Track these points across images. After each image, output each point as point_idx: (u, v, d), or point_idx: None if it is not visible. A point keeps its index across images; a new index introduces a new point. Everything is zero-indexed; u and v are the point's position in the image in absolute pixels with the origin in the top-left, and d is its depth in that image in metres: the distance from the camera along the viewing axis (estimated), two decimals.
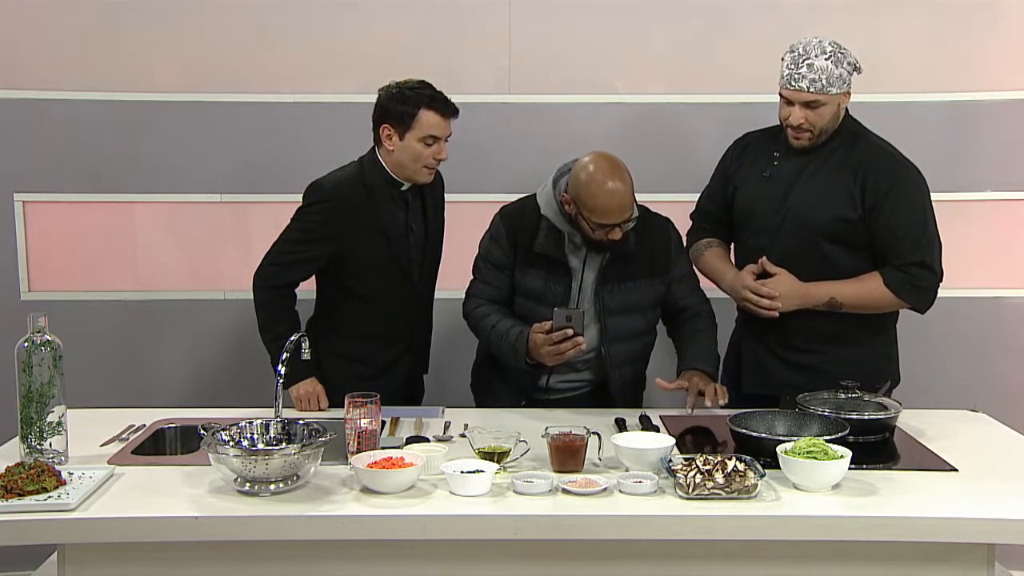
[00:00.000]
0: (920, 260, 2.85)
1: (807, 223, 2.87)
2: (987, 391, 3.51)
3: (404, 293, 3.01)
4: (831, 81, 2.78)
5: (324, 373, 2.90)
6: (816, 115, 2.82)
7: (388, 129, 2.89)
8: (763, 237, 2.94)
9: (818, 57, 2.78)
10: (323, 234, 2.90)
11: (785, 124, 2.88)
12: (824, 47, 2.80)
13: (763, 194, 2.95)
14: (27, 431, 2.37)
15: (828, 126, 2.86)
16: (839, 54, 2.81)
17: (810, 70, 2.78)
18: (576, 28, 3.58)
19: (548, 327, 2.71)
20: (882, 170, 2.86)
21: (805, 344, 2.93)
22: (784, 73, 2.83)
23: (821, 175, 2.89)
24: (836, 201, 2.86)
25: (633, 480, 2.23)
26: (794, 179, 2.91)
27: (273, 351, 2.81)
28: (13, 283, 3.59)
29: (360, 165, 2.96)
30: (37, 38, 3.53)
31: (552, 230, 2.83)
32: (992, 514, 2.16)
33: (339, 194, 2.90)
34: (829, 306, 2.87)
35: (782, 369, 2.96)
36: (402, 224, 2.97)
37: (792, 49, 2.84)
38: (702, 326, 2.94)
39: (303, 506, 2.16)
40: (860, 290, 2.87)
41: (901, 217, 2.84)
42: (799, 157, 2.91)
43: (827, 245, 2.88)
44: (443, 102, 2.88)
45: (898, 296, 2.87)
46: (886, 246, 2.86)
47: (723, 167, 3.10)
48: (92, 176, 3.58)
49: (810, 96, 2.79)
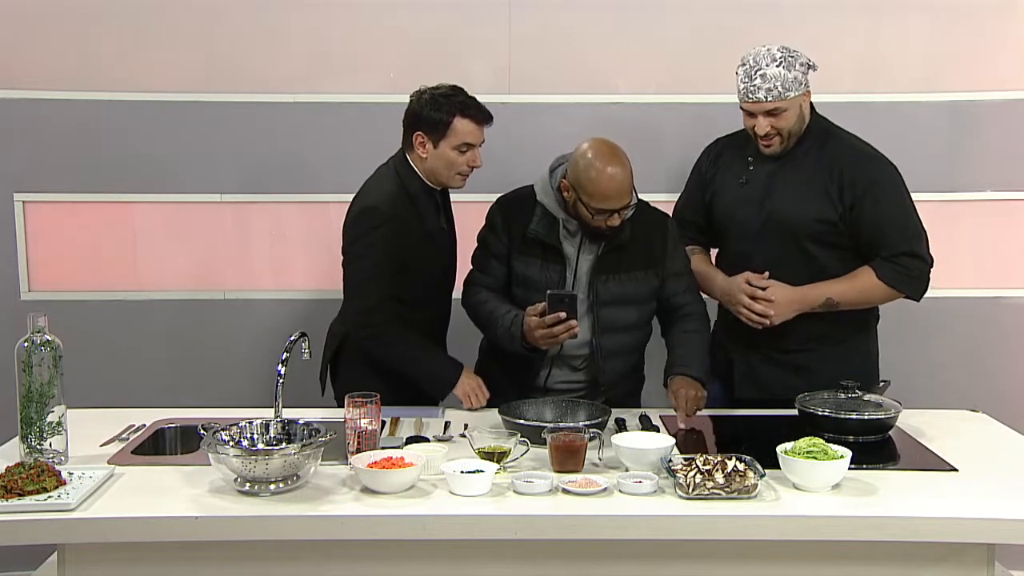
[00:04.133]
0: (909, 250, 2.87)
1: (789, 226, 2.90)
2: (987, 391, 3.51)
3: (444, 294, 3.03)
4: (787, 86, 2.81)
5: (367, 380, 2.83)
6: (781, 120, 2.86)
7: (421, 137, 2.86)
8: (746, 243, 2.97)
9: (769, 66, 2.81)
10: (393, 251, 2.85)
11: (753, 135, 2.91)
12: (774, 54, 2.83)
13: (741, 200, 2.98)
14: (27, 431, 2.37)
15: (795, 128, 2.89)
16: (790, 58, 2.83)
17: (764, 80, 2.81)
18: (576, 28, 3.58)
19: (541, 309, 2.72)
20: (856, 167, 2.88)
21: (796, 346, 2.95)
22: (740, 87, 2.87)
23: (799, 177, 2.92)
24: (815, 202, 2.89)
25: (633, 480, 2.23)
26: (770, 183, 2.94)
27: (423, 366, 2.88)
28: (13, 283, 3.59)
29: (396, 175, 2.92)
30: (37, 38, 3.53)
31: (546, 215, 2.85)
32: (992, 514, 2.16)
33: (396, 212, 2.85)
34: (827, 306, 2.88)
35: (774, 372, 2.98)
36: (439, 227, 2.99)
37: (743, 62, 2.87)
38: (692, 327, 2.93)
39: (303, 506, 2.16)
40: (854, 286, 2.89)
41: (883, 210, 2.86)
42: (773, 161, 2.95)
43: (811, 246, 2.91)
44: (477, 109, 2.86)
45: (892, 287, 2.89)
46: (872, 240, 2.88)
47: (699, 173, 3.13)
48: (92, 176, 3.57)
49: (770, 105, 2.83)
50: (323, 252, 3.59)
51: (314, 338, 2.70)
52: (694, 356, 2.86)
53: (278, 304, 3.65)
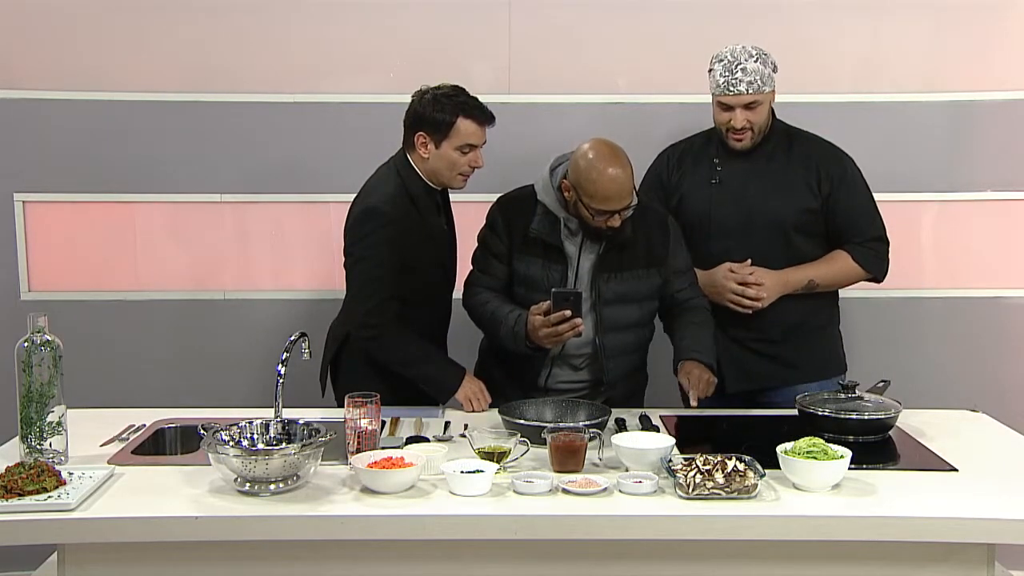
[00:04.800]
0: (878, 235, 3.09)
1: (777, 219, 3.03)
2: (987, 391, 3.51)
3: (445, 294, 3.03)
4: (764, 81, 2.96)
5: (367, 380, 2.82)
6: (755, 114, 2.98)
7: (423, 137, 2.86)
8: (727, 239, 3.06)
9: (748, 61, 2.95)
10: (395, 252, 2.84)
11: (726, 128, 3.01)
12: (750, 51, 2.97)
13: (716, 199, 3.07)
14: (27, 431, 2.37)
15: (764, 124, 3.04)
16: (763, 56, 2.99)
17: (745, 74, 2.94)
18: (576, 28, 3.58)
19: (545, 308, 2.73)
20: (828, 161, 3.07)
21: (779, 335, 3.07)
22: (720, 81, 2.98)
23: (774, 173, 3.05)
24: (798, 194, 3.03)
25: (633, 480, 2.23)
26: (746, 181, 3.05)
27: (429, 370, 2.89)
28: (13, 283, 3.59)
29: (397, 175, 2.91)
30: (37, 38, 3.53)
31: (547, 214, 2.85)
32: (992, 514, 2.15)
33: (398, 213, 2.85)
34: (808, 288, 3.03)
35: (760, 362, 3.08)
36: (440, 227, 2.99)
37: (720, 58, 3.00)
38: (699, 319, 2.94)
39: (303, 506, 2.16)
40: (833, 269, 3.07)
41: (855, 200, 3.06)
42: (741, 160, 3.06)
43: (795, 236, 3.04)
44: (480, 109, 2.86)
45: (865, 269, 3.08)
46: (845, 227, 3.07)
47: (658, 180, 3.19)
48: (92, 176, 3.57)
49: (750, 97, 2.95)
50: (323, 252, 3.60)
51: (314, 338, 2.71)
52: (703, 343, 2.89)
53: (278, 304, 3.65)
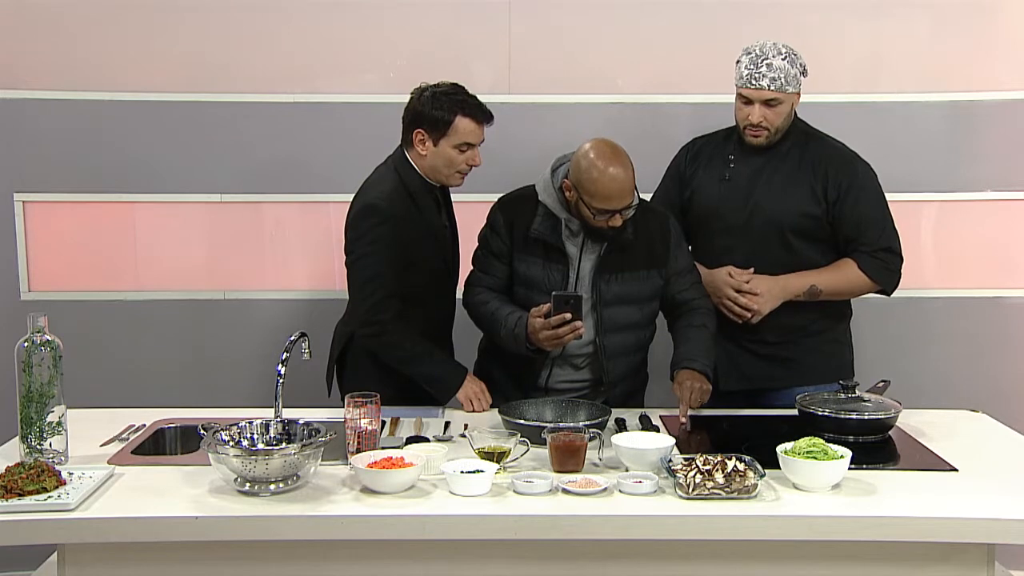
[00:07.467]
0: (888, 246, 3.01)
1: (775, 220, 3.00)
2: (987, 391, 3.51)
3: (447, 292, 3.04)
4: (788, 80, 2.91)
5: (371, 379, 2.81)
6: (774, 113, 2.94)
7: (422, 134, 2.86)
8: (729, 236, 3.04)
9: (775, 57, 2.90)
10: (395, 248, 2.84)
11: (743, 123, 2.99)
12: (779, 48, 2.92)
13: (724, 196, 3.05)
14: (27, 431, 2.37)
15: (783, 125, 2.99)
16: (792, 55, 2.93)
17: (769, 69, 2.90)
18: (576, 28, 3.58)
19: (546, 311, 2.73)
20: (840, 167, 3.00)
21: (777, 338, 3.04)
22: (743, 73, 2.94)
23: (782, 174, 3.02)
24: (801, 198, 2.98)
25: (633, 480, 2.23)
26: (754, 179, 3.03)
27: (425, 368, 2.88)
28: (13, 283, 3.59)
29: (395, 172, 2.91)
30: (37, 38, 3.53)
31: (548, 215, 2.85)
32: (992, 514, 2.15)
33: (396, 209, 2.85)
34: (810, 295, 2.99)
35: (757, 364, 3.06)
36: (440, 224, 2.99)
37: (748, 51, 2.96)
38: (699, 321, 2.93)
39: (303, 506, 2.16)
40: (837, 277, 3.01)
41: (864, 209, 2.99)
42: (755, 158, 3.03)
43: (794, 239, 3.00)
44: (479, 108, 2.86)
45: (872, 280, 3.01)
46: (852, 235, 3.00)
47: (676, 172, 3.19)
48: (92, 176, 3.57)
49: (770, 94, 2.91)
50: (323, 252, 3.60)
51: (314, 338, 2.71)
52: (700, 349, 2.88)
53: (278, 304, 3.65)
